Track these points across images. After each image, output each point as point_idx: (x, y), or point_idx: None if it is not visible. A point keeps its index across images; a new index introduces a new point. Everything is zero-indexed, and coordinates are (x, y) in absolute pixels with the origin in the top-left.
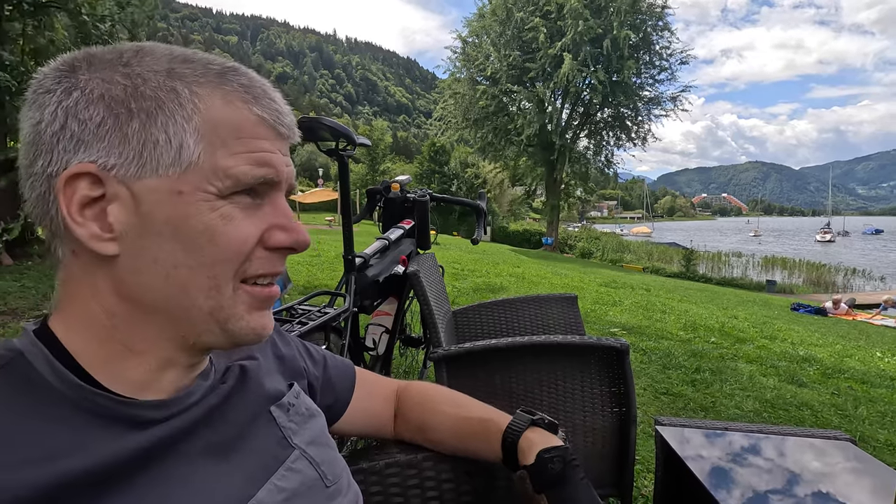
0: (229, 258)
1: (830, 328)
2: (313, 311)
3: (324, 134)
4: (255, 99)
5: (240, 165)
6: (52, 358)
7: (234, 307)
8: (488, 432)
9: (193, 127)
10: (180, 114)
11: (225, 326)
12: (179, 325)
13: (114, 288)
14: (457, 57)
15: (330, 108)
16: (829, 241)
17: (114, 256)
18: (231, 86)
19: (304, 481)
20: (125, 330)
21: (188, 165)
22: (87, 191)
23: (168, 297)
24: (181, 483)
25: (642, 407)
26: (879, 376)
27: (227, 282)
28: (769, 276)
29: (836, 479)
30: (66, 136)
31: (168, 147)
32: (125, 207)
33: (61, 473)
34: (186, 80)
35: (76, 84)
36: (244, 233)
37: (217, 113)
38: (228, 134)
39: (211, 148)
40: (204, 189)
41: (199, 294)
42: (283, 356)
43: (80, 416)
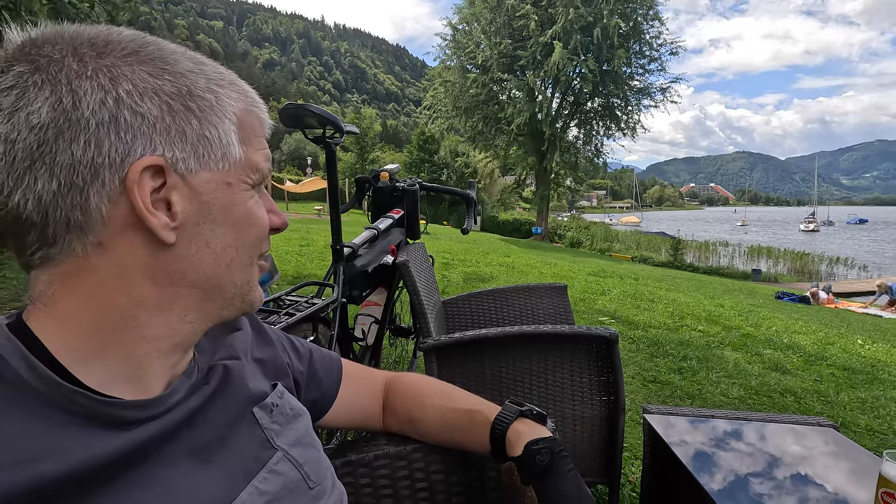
0: (261, 238)
1: (813, 316)
2: (301, 302)
3: (310, 121)
4: (257, 105)
5: (262, 161)
6: (28, 354)
7: (254, 279)
8: (476, 424)
9: (233, 126)
10: (225, 114)
11: (245, 297)
12: (210, 301)
13: (151, 275)
14: (447, 44)
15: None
16: (812, 230)
17: (168, 245)
18: (240, 92)
19: (287, 483)
20: (145, 317)
21: (234, 161)
22: (152, 182)
23: (213, 275)
24: (162, 486)
25: (630, 395)
26: (860, 363)
27: (255, 258)
28: (755, 265)
29: (819, 463)
30: (119, 127)
31: (219, 144)
32: (185, 198)
33: (39, 476)
34: (218, 83)
35: (119, 73)
36: (265, 215)
37: (243, 115)
38: (251, 134)
39: (244, 146)
40: (244, 181)
41: (237, 270)
42: (263, 359)
43: (59, 415)
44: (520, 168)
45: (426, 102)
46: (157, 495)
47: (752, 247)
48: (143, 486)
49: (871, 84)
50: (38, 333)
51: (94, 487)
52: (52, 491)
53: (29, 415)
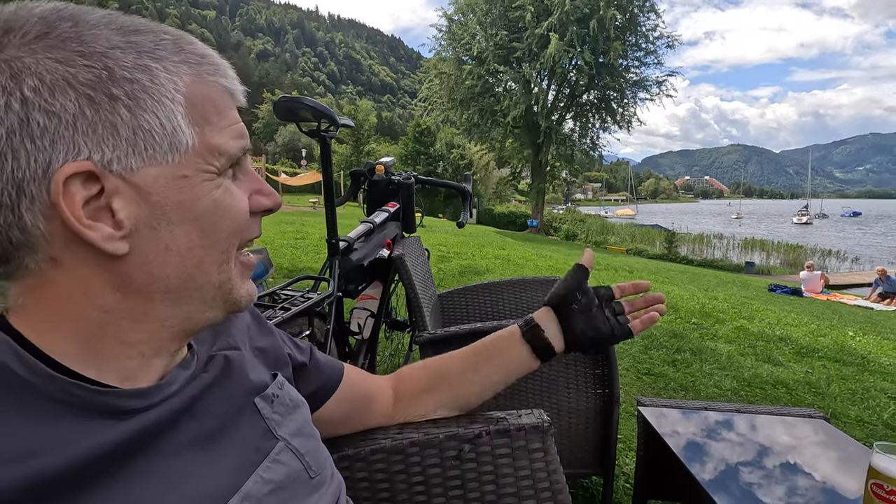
0: (237, 229)
1: (805, 308)
2: (296, 297)
3: (305, 114)
4: (217, 69)
5: (228, 141)
6: (18, 348)
7: (235, 277)
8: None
9: (180, 107)
10: (165, 94)
11: (228, 297)
12: (188, 305)
13: (114, 285)
14: (442, 35)
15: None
16: (806, 223)
17: (121, 255)
18: (192, 58)
19: (290, 473)
20: (123, 324)
21: (186, 148)
22: (84, 190)
23: (183, 278)
24: (165, 475)
25: (625, 387)
26: (851, 355)
27: (233, 252)
28: (748, 257)
29: (810, 454)
30: (33, 133)
31: (163, 132)
32: (130, 201)
33: (41, 470)
34: (154, 56)
35: (21, 67)
36: (241, 202)
37: (194, 89)
38: (210, 110)
39: (199, 127)
40: (205, 169)
41: (212, 269)
42: (264, 348)
43: (56, 408)
44: (515, 160)
45: (421, 94)
46: (159, 485)
47: (745, 239)
48: (143, 476)
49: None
50: (24, 335)
51: (95, 479)
52: (52, 485)
53: (24, 408)
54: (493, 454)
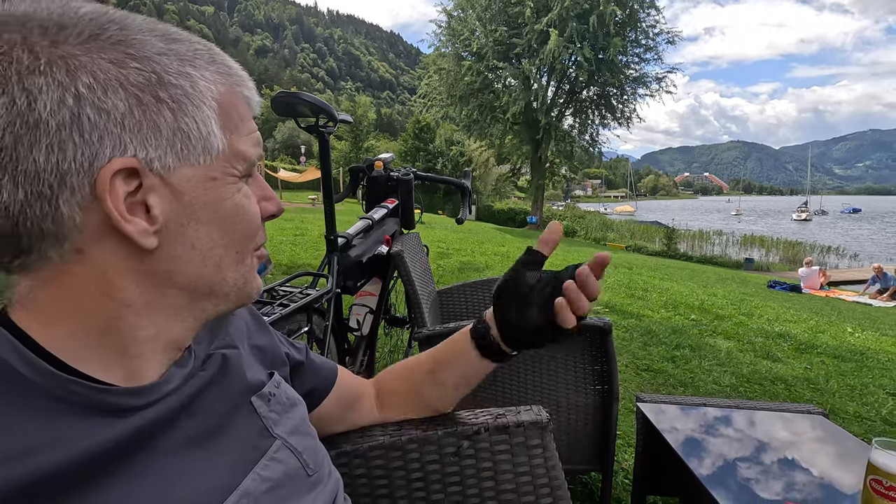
0: (253, 232)
1: (804, 304)
2: (295, 293)
3: (303, 110)
4: (241, 81)
5: (249, 149)
6: (19, 345)
7: (250, 273)
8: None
9: (215, 113)
10: (203, 101)
11: (242, 290)
12: (206, 301)
13: (135, 279)
14: (442, 31)
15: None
16: (805, 220)
17: (150, 249)
18: (221, 68)
19: (287, 471)
20: (135, 319)
21: (216, 152)
22: (126, 186)
23: (201, 276)
24: (163, 474)
25: (624, 383)
26: (849, 351)
27: (249, 253)
28: (747, 254)
29: (808, 450)
30: (83, 128)
31: (199, 136)
32: (164, 199)
33: (38, 469)
34: (193, 64)
35: (77, 65)
36: (256, 207)
37: (225, 97)
38: (236, 118)
39: (228, 133)
40: (231, 173)
41: (229, 269)
42: (262, 346)
43: (56, 406)
44: (515, 157)
45: (421, 90)
46: (157, 484)
47: (745, 236)
48: (142, 474)
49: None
50: (27, 331)
51: (94, 478)
52: (50, 483)
53: (25, 406)
54: (492, 451)
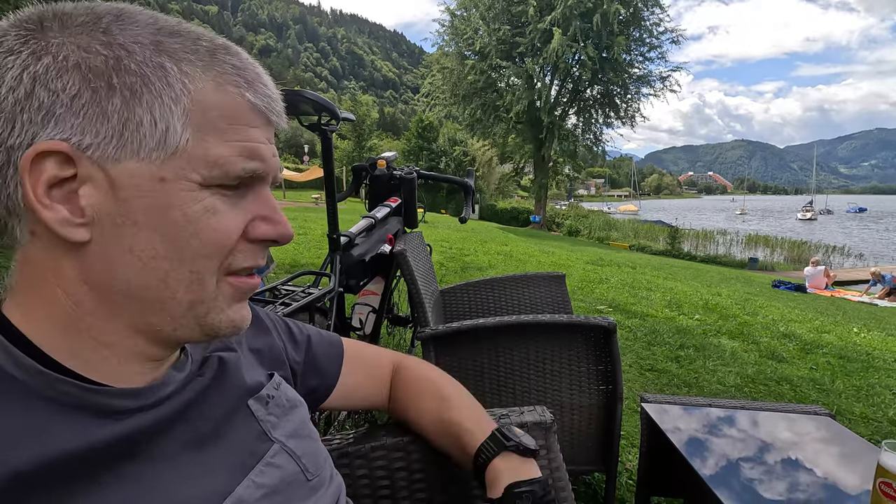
0: (212, 253)
1: (809, 304)
2: (297, 292)
3: (305, 108)
4: (249, 83)
5: (231, 156)
6: (7, 343)
7: (216, 300)
8: (462, 445)
9: (182, 109)
10: (168, 94)
11: (204, 320)
12: (154, 317)
13: (80, 275)
14: (445, 30)
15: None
16: (810, 219)
17: (83, 243)
18: (223, 67)
19: (285, 476)
20: (92, 320)
21: (173, 151)
22: (56, 170)
23: (144, 286)
24: (153, 479)
25: (628, 384)
26: (856, 351)
27: (211, 275)
28: (752, 253)
29: (814, 451)
30: (32, 106)
31: (153, 129)
32: (100, 191)
33: (24, 466)
34: (175, 57)
35: (46, 48)
36: (228, 226)
37: (208, 96)
38: (220, 120)
39: (200, 134)
40: (187, 177)
41: (178, 287)
42: (260, 349)
43: (44, 405)
44: (518, 156)
45: (424, 89)
46: (148, 489)
47: (749, 235)
48: (133, 480)
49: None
50: (17, 323)
51: (82, 480)
52: (40, 480)
53: (10, 405)
54: None
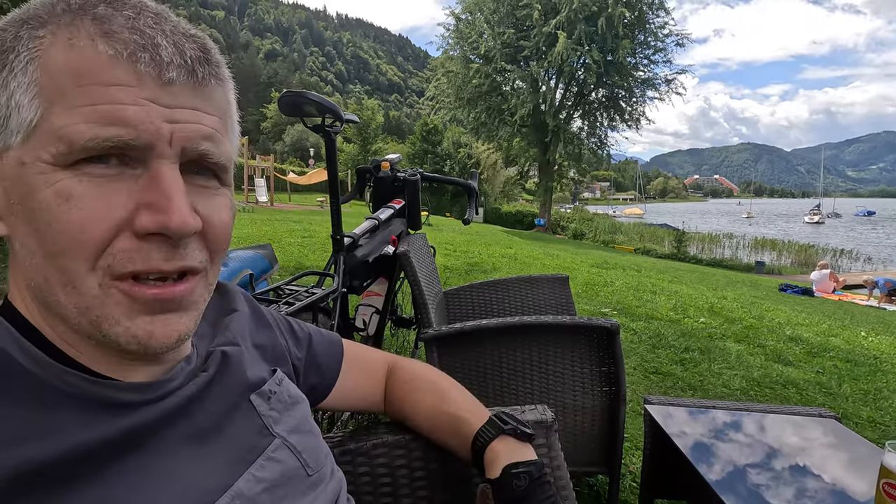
0: (68, 249)
1: (816, 308)
2: (301, 292)
3: (309, 109)
4: (109, 32)
5: (75, 124)
6: (17, 335)
7: (104, 308)
8: (460, 433)
9: (29, 79)
10: (18, 66)
11: (100, 329)
12: (66, 321)
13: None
14: (450, 34)
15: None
16: (817, 222)
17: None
18: (83, 20)
19: (285, 471)
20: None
21: (27, 129)
22: None
23: (39, 287)
24: (156, 471)
25: (632, 386)
26: (863, 355)
27: (82, 277)
28: (758, 257)
29: (820, 454)
30: None
31: (9, 109)
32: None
33: (30, 457)
34: (32, 23)
35: None
36: (89, 215)
37: (57, 57)
38: (68, 84)
39: (48, 104)
40: (40, 158)
41: (57, 288)
42: (263, 344)
43: (52, 396)
44: (523, 159)
45: (429, 93)
46: (150, 480)
47: (756, 239)
48: (137, 472)
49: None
50: (25, 314)
51: (88, 469)
52: (48, 470)
53: (22, 397)
54: None
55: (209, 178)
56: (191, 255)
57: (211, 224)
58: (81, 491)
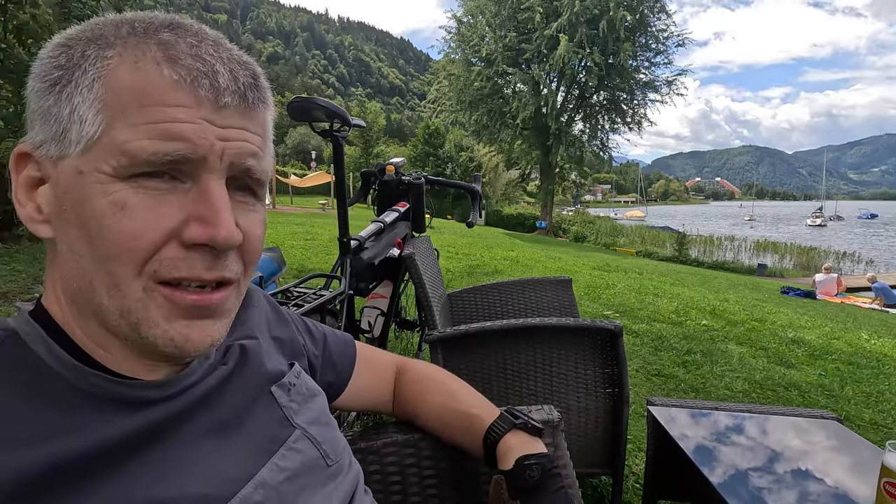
0: (119, 255)
1: (819, 311)
2: (309, 294)
3: (317, 114)
4: (171, 58)
5: (138, 140)
6: (47, 338)
7: (146, 311)
8: (471, 429)
9: (94, 96)
10: (84, 83)
11: (138, 332)
12: (104, 324)
13: (59, 273)
14: (451, 37)
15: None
16: (820, 225)
17: (52, 240)
18: (148, 44)
19: (306, 461)
20: (82, 320)
21: (88, 141)
22: (32, 171)
23: (79, 289)
24: (179, 463)
25: (634, 388)
26: (865, 357)
27: (128, 281)
28: (760, 259)
29: (823, 456)
30: (27, 111)
31: (71, 121)
32: (51, 189)
33: (56, 454)
34: (100, 43)
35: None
36: (141, 225)
37: (122, 77)
38: (131, 103)
39: (110, 120)
40: (99, 169)
41: (101, 290)
42: (281, 338)
43: (76, 396)
44: (524, 162)
45: (430, 96)
46: (175, 472)
47: (757, 241)
48: (160, 464)
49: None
50: (56, 318)
51: (112, 464)
52: (72, 468)
53: (50, 397)
54: None
55: (247, 194)
56: (229, 267)
57: (248, 238)
58: (108, 483)
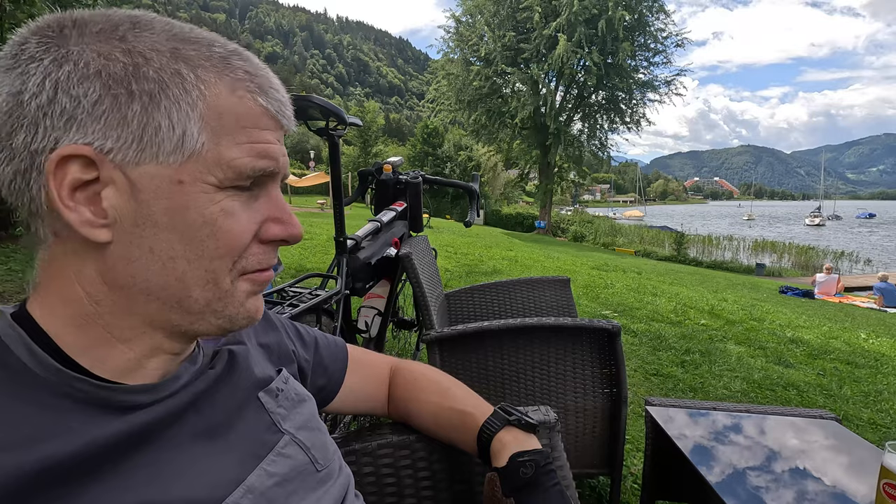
0: (227, 253)
1: (817, 310)
2: (304, 294)
3: (313, 113)
4: (261, 89)
5: (243, 157)
6: (30, 342)
7: (232, 297)
8: (466, 426)
9: (198, 114)
10: (185, 99)
11: (222, 314)
12: (173, 314)
13: (101, 275)
14: (450, 37)
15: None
16: (818, 225)
17: (105, 243)
18: (237, 73)
19: (295, 466)
20: (110, 318)
21: (190, 154)
22: (80, 173)
23: (163, 286)
24: (168, 466)
25: (633, 388)
26: (864, 357)
27: (225, 275)
28: (759, 259)
29: (821, 456)
30: (55, 112)
31: (171, 134)
32: (121, 193)
33: (42, 459)
34: (191, 63)
35: (67, 55)
36: (242, 227)
37: (223, 101)
38: (233, 124)
39: (215, 137)
40: (204, 180)
41: (195, 286)
42: (268, 344)
43: (61, 401)
44: (523, 162)
45: (429, 96)
46: (163, 477)
47: (756, 241)
48: (148, 468)
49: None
50: (39, 320)
51: (99, 469)
52: (59, 472)
53: (33, 400)
54: None
55: None
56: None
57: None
58: (95, 487)
